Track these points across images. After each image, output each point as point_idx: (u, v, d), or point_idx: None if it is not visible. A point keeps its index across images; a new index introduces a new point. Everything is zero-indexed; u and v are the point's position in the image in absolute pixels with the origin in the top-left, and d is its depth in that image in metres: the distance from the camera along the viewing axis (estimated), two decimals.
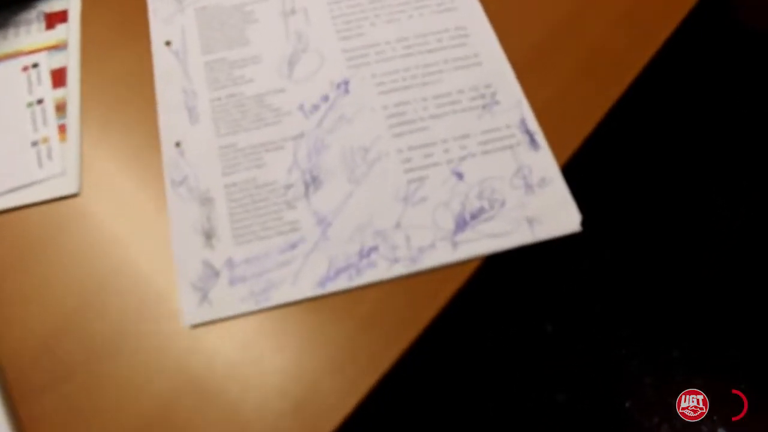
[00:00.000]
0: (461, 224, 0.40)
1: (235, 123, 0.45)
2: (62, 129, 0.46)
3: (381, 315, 0.39)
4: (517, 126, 0.44)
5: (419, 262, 0.39)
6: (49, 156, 0.45)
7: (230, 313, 0.39)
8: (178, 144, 0.44)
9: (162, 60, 0.48)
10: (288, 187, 0.42)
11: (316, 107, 0.45)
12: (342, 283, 0.39)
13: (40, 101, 0.47)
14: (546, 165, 0.42)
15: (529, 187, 0.42)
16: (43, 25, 0.51)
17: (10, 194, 0.44)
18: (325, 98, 0.45)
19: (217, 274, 0.40)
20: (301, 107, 0.45)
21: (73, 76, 0.48)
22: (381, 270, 0.39)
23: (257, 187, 0.42)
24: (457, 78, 0.46)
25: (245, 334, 0.39)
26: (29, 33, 0.51)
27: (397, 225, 0.41)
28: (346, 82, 0.46)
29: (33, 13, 0.52)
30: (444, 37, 0.48)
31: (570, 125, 0.44)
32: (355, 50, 0.47)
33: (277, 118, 0.45)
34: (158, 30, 0.49)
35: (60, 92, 0.48)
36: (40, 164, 0.45)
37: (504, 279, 0.84)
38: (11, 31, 0.51)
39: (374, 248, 0.40)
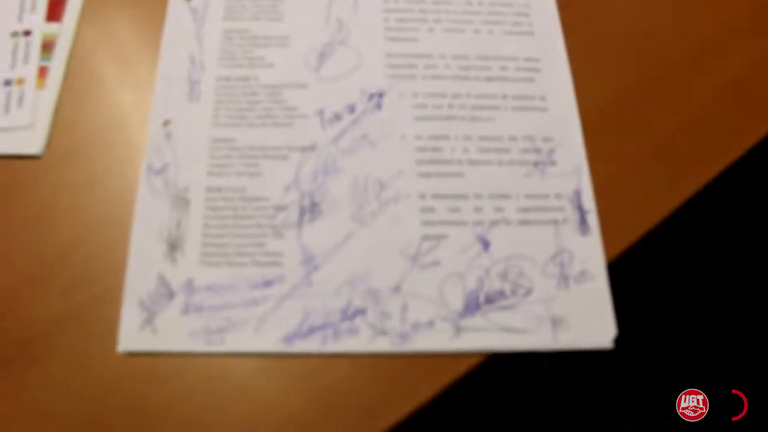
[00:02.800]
0: (472, 306, 0.34)
1: (239, 113, 0.38)
2: (43, 72, 0.40)
3: (349, 395, 0.32)
4: (570, 198, 0.36)
5: (410, 341, 0.33)
6: (20, 102, 0.39)
7: (174, 348, 0.33)
8: (167, 123, 0.38)
9: (176, 15, 0.42)
10: (280, 208, 0.36)
11: (338, 117, 0.38)
12: (313, 345, 0.33)
13: (27, 33, 0.41)
14: (591, 255, 0.35)
15: (564, 279, 0.35)
16: None
17: None
18: (352, 108, 0.38)
19: (171, 295, 0.34)
20: (320, 113, 0.38)
21: (73, 11, 0.42)
22: (362, 340, 0.33)
23: (244, 200, 0.36)
24: (514, 120, 0.38)
25: (184, 378, 0.33)
26: None
27: (396, 288, 0.34)
28: (381, 95, 0.39)
29: None
30: (510, 66, 0.40)
31: (632, 212, 0.36)
32: (401, 57, 0.40)
33: (289, 120, 0.38)
34: None
35: (52, 27, 0.42)
36: (6, 109, 0.39)
37: None
38: None
39: (362, 311, 0.33)
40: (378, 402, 0.32)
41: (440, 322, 0.34)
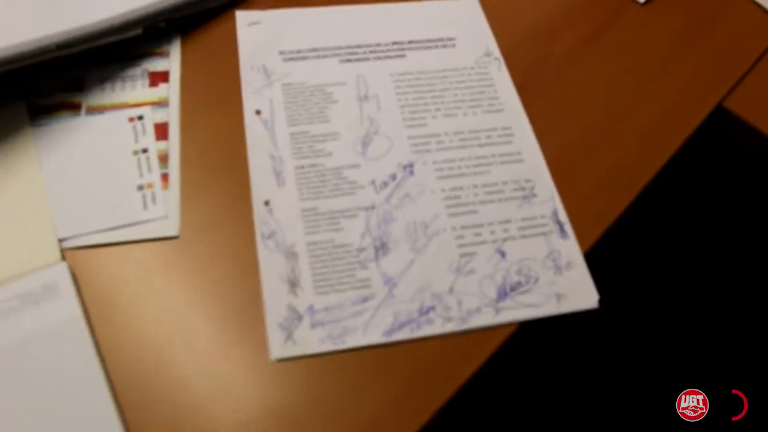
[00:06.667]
0: (502, 294, 0.53)
1: (316, 190, 0.57)
2: (164, 177, 0.57)
3: (435, 362, 0.50)
4: (550, 216, 0.57)
5: (468, 322, 0.52)
6: (153, 200, 0.56)
7: (310, 351, 0.50)
8: (266, 203, 0.56)
9: (252, 127, 0.60)
10: (361, 250, 0.54)
11: (385, 184, 0.57)
12: (404, 335, 0.51)
13: (144, 150, 0.59)
14: (572, 251, 0.55)
15: (558, 269, 0.54)
16: (147, 82, 0.63)
17: (117, 230, 0.55)
18: (393, 177, 0.58)
19: (300, 317, 0.51)
20: (372, 182, 0.57)
21: (174, 131, 0.60)
22: (436, 326, 0.51)
23: (335, 247, 0.54)
24: (503, 171, 0.59)
25: (321, 370, 0.50)
26: (134, 88, 0.62)
27: (451, 290, 0.53)
28: (411, 165, 0.58)
29: (138, 70, 0.63)
30: (493, 135, 0.61)
31: (593, 219, 0.57)
32: (418, 138, 0.60)
33: (352, 190, 0.57)
34: (250, 100, 0.61)
35: (162, 144, 0.59)
36: (145, 206, 0.56)
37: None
38: (118, 85, 0.62)
39: (432, 308, 0.52)
40: (453, 364, 0.50)
41: (484, 308, 0.52)
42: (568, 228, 0.56)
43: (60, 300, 0.51)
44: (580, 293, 0.53)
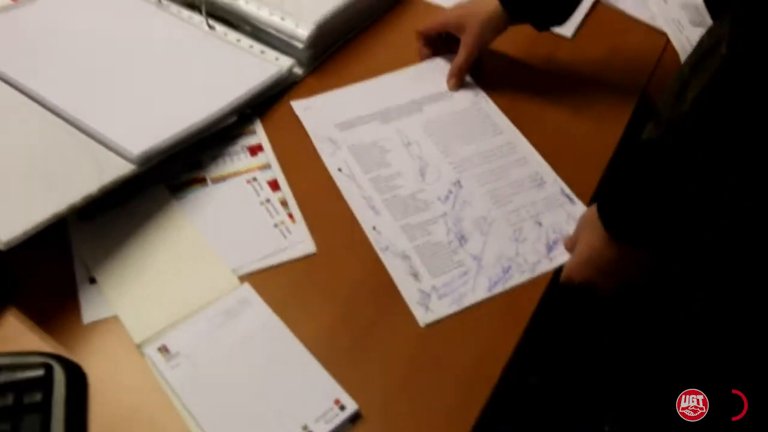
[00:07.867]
0: (549, 248, 0.80)
1: (403, 212, 0.81)
2: (290, 216, 0.79)
3: (521, 299, 0.76)
4: (559, 193, 0.84)
5: (536, 271, 0.78)
6: (288, 232, 0.78)
7: (444, 314, 0.74)
8: (374, 227, 0.80)
9: (340, 180, 0.84)
10: (449, 243, 0.79)
11: (447, 197, 0.83)
12: (499, 288, 0.76)
13: (267, 200, 0.80)
14: (582, 211, 0.83)
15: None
16: (248, 154, 0.84)
17: (270, 257, 0.75)
18: (450, 192, 0.83)
19: (429, 295, 0.75)
20: (438, 198, 0.83)
21: (284, 185, 0.82)
22: (516, 278, 0.77)
23: (432, 245, 0.79)
24: (519, 172, 0.86)
25: (453, 324, 0.74)
26: (240, 160, 0.84)
27: (517, 254, 0.79)
28: (459, 182, 0.84)
29: (238, 147, 0.85)
30: (503, 150, 0.88)
31: (587, 187, 0.85)
32: (455, 162, 0.86)
33: (426, 206, 0.82)
34: (329, 161, 0.85)
35: (278, 194, 0.81)
36: (284, 237, 0.77)
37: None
38: (227, 159, 0.84)
39: (510, 267, 0.78)
40: (531, 294, 0.77)
41: (543, 259, 0.79)
42: (575, 197, 0.84)
43: (254, 309, 0.71)
44: None
